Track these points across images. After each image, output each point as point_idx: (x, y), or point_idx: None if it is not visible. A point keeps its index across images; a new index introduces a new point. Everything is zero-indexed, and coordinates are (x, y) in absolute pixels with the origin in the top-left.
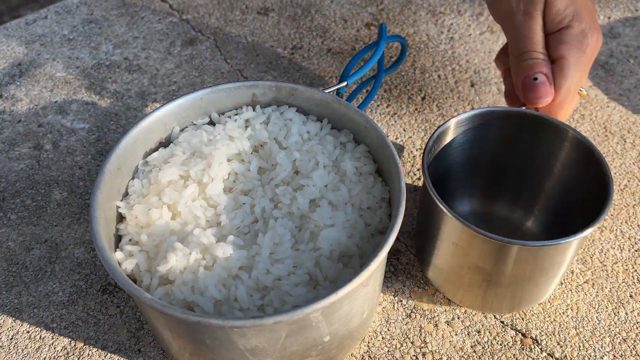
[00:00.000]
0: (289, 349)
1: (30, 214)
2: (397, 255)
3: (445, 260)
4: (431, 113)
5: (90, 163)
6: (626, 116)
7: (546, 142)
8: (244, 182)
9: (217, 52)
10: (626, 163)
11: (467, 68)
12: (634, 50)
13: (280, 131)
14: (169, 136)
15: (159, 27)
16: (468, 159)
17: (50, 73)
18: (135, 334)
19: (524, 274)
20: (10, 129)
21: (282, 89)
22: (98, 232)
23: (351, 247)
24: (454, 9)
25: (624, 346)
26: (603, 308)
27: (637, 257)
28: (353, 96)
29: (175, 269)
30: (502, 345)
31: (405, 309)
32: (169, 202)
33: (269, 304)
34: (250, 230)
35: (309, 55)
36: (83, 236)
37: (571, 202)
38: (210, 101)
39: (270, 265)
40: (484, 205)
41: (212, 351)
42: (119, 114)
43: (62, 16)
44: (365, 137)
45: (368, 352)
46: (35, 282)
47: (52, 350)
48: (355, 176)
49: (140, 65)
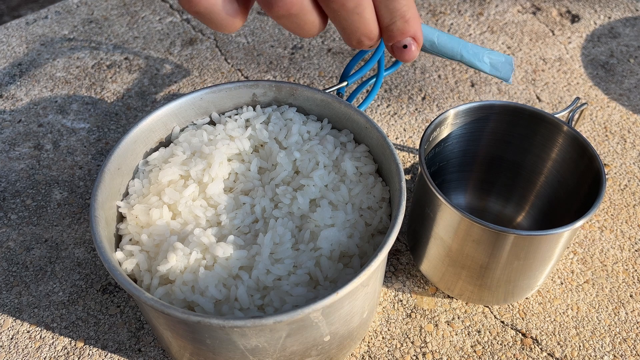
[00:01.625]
0: (289, 348)
1: (30, 213)
2: (397, 255)
3: (440, 252)
4: (431, 113)
5: (90, 163)
6: (626, 116)
7: (541, 136)
8: (244, 182)
9: (217, 52)
10: (626, 163)
11: (467, 68)
12: (634, 50)
13: (280, 131)
14: (169, 136)
15: (159, 27)
16: (463, 152)
17: (51, 73)
18: (135, 334)
19: (517, 264)
20: (11, 128)
21: (283, 88)
22: (98, 232)
23: (351, 247)
24: (454, 9)
25: (624, 346)
26: (603, 308)
27: (637, 257)
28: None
29: (176, 269)
30: (502, 345)
31: (405, 308)
32: (169, 202)
33: (269, 304)
34: (250, 230)
35: (310, 55)
36: (83, 236)
37: (564, 197)
38: (211, 101)
39: (270, 265)
40: (477, 200)
41: (212, 351)
42: (119, 113)
43: (62, 16)
44: (366, 137)
45: (368, 352)
46: (36, 281)
47: (52, 350)
48: (355, 176)
49: (140, 65)
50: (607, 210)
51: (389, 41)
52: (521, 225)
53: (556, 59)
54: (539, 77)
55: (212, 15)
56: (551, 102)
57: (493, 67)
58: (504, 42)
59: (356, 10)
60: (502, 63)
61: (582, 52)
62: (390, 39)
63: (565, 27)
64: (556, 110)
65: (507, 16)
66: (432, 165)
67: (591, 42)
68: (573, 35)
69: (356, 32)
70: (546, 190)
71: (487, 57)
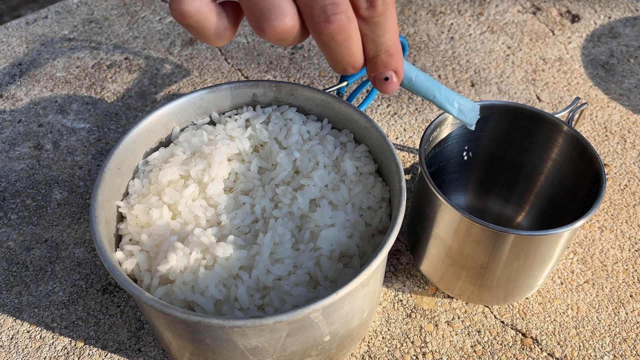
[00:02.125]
0: (289, 348)
1: (30, 213)
2: (397, 255)
3: (440, 252)
4: (431, 113)
5: (90, 163)
6: (626, 116)
7: (541, 136)
8: (244, 181)
9: (217, 52)
10: (626, 163)
11: (467, 68)
12: (634, 50)
13: (280, 131)
14: (169, 136)
15: (159, 27)
16: (463, 152)
17: (51, 73)
18: (135, 334)
19: (517, 264)
20: (11, 128)
21: (283, 88)
22: (98, 231)
23: (351, 247)
24: (454, 8)
25: (624, 346)
26: (603, 308)
27: (637, 257)
28: (353, 96)
29: (176, 269)
30: (502, 345)
31: (405, 308)
32: (169, 201)
33: (269, 304)
34: (250, 230)
35: (310, 55)
36: (83, 236)
37: (564, 197)
38: (211, 101)
39: (270, 265)
40: (477, 200)
41: (212, 351)
42: (119, 113)
43: (62, 16)
44: (366, 137)
45: (368, 352)
46: (36, 281)
47: (52, 350)
48: (355, 176)
49: (140, 65)
50: (607, 210)
51: (372, 72)
52: (521, 225)
53: (556, 59)
54: (539, 77)
55: (203, 29)
56: (551, 102)
57: (460, 112)
58: (504, 42)
59: (345, 43)
60: (469, 109)
61: (582, 52)
62: (373, 70)
63: (566, 27)
64: (556, 110)
65: (507, 16)
66: (432, 165)
67: (591, 42)
68: (573, 35)
69: (342, 61)
70: (546, 190)
71: (456, 102)
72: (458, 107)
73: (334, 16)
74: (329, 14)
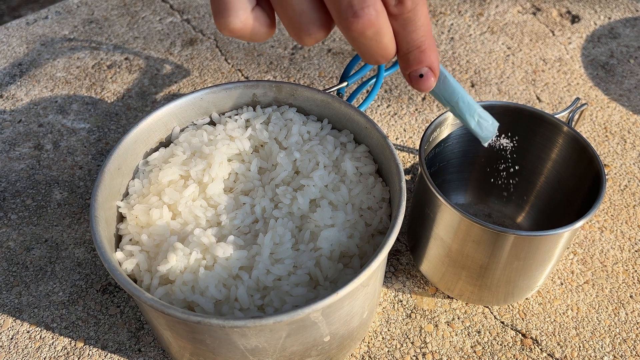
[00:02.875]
0: (289, 349)
1: (30, 213)
2: (397, 255)
3: (440, 252)
4: (431, 113)
5: (90, 163)
6: (626, 116)
7: (541, 137)
8: (244, 182)
9: (217, 52)
10: (626, 163)
11: (467, 68)
12: (634, 50)
13: (280, 131)
14: (169, 136)
15: (159, 27)
16: (464, 153)
17: (51, 73)
18: (135, 334)
19: (517, 264)
20: (11, 128)
21: (283, 89)
22: (98, 232)
23: (351, 248)
24: (454, 9)
25: (624, 346)
26: (603, 308)
27: (637, 257)
28: (353, 96)
29: (176, 269)
30: (502, 345)
31: (405, 309)
32: (169, 202)
33: (269, 304)
34: (250, 230)
35: (310, 56)
36: (83, 236)
37: (564, 198)
38: (211, 101)
39: (270, 265)
40: (477, 200)
41: (212, 351)
42: (119, 114)
43: (62, 16)
44: (366, 137)
45: (368, 352)
46: (36, 282)
47: (52, 350)
48: (355, 176)
49: (140, 65)
50: (607, 211)
51: (406, 70)
52: (521, 225)
53: (556, 59)
54: (539, 77)
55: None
56: (551, 103)
57: (478, 126)
58: (504, 43)
59: (375, 37)
60: (488, 125)
61: (582, 53)
62: (406, 68)
63: (566, 28)
64: (556, 111)
65: (507, 16)
66: (432, 165)
67: (591, 42)
68: (573, 35)
69: (374, 55)
70: (546, 191)
71: (477, 115)
72: (477, 120)
73: (361, 10)
74: (357, 9)
